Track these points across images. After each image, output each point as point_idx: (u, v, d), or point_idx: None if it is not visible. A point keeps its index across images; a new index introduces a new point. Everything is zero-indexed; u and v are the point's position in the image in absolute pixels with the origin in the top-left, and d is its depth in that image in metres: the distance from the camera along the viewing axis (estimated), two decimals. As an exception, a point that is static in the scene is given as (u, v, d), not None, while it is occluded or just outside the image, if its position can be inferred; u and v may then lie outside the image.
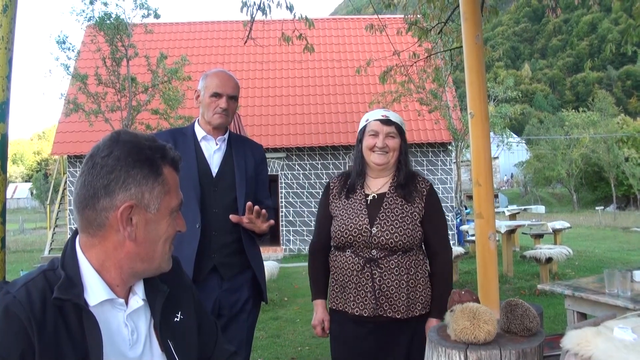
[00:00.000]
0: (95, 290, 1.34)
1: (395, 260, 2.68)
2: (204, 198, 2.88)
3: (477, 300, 2.28)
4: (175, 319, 1.52)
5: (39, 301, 1.26)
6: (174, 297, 1.52)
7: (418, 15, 7.77)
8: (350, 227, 2.72)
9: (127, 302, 1.42)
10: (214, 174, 2.94)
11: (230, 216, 2.83)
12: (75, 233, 1.42)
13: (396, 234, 2.68)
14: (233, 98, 2.96)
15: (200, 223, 2.83)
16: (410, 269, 2.71)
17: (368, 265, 2.69)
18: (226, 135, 3.03)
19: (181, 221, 1.48)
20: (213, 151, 2.97)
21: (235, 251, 2.92)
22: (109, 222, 1.33)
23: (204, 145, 2.97)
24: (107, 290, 1.36)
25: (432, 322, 2.70)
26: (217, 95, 2.91)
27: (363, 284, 2.69)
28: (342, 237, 2.74)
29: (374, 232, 2.69)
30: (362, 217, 2.73)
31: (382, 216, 2.73)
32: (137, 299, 1.44)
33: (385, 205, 2.76)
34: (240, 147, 3.06)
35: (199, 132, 2.99)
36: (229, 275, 2.91)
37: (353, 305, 2.71)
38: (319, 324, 2.87)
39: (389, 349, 2.71)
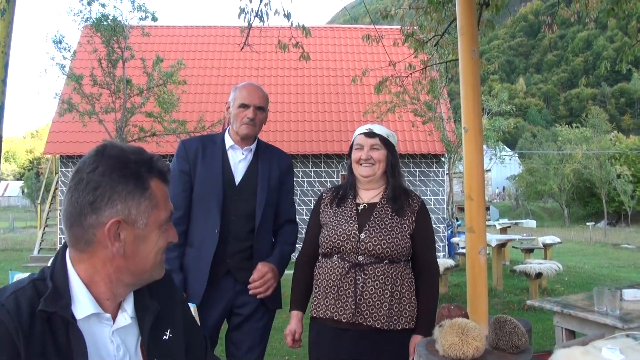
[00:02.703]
0: (82, 303, 1.33)
1: (382, 269, 2.69)
2: (226, 205, 2.98)
3: (466, 316, 2.28)
4: (164, 337, 1.49)
5: (27, 311, 1.24)
6: (164, 315, 1.50)
7: (415, 27, 7.80)
8: (339, 232, 2.75)
9: (115, 318, 1.40)
10: (237, 182, 3.04)
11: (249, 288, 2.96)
12: (65, 244, 1.40)
13: (384, 241, 2.70)
14: (260, 109, 3.06)
15: (219, 228, 2.94)
16: (396, 280, 2.71)
17: (352, 270, 2.70)
18: (254, 146, 3.13)
19: (172, 232, 1.45)
20: (238, 160, 3.08)
21: (249, 256, 3.02)
22: (96, 239, 1.31)
23: (230, 154, 3.08)
24: (95, 305, 1.34)
25: (417, 339, 2.66)
26: (244, 106, 3.01)
27: (345, 288, 2.69)
28: (330, 243, 2.77)
29: (362, 237, 2.72)
30: (351, 223, 2.77)
31: (372, 224, 2.76)
32: (126, 316, 1.41)
33: (376, 214, 2.80)
34: (266, 156, 3.15)
35: (228, 141, 3.10)
36: (242, 279, 2.99)
37: (333, 309, 2.71)
38: (290, 333, 2.88)
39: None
